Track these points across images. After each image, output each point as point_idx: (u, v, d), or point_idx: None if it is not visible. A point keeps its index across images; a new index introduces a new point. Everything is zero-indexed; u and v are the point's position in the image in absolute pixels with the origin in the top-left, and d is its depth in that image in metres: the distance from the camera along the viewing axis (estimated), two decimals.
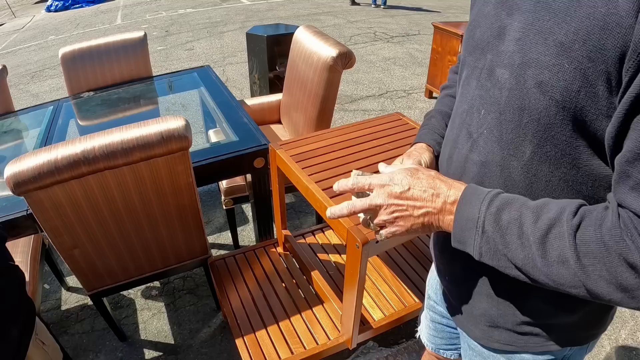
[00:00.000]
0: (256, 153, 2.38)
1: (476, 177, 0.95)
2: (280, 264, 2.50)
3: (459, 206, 0.85)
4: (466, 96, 0.98)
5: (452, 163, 1.03)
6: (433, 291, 1.42)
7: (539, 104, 0.78)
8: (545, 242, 0.73)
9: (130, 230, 2.10)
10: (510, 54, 0.83)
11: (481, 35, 0.93)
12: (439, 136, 1.21)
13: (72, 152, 1.73)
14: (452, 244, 0.87)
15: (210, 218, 3.69)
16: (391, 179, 0.90)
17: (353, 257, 1.60)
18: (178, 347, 2.63)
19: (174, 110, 3.36)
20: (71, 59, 3.35)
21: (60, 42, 10.26)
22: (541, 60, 0.76)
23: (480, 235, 0.81)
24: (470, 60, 0.97)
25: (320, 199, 1.71)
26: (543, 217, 0.75)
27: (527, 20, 0.80)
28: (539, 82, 0.77)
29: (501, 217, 0.79)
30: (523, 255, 0.76)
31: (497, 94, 0.87)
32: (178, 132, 1.83)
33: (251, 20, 10.62)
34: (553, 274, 0.74)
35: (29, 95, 6.86)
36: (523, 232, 0.76)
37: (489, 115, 0.90)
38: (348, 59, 2.66)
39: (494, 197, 0.82)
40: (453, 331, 1.40)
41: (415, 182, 0.88)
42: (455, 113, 1.05)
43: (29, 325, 1.63)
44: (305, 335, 2.11)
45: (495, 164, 0.90)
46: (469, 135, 0.96)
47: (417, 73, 6.73)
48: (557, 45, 0.73)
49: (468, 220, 0.83)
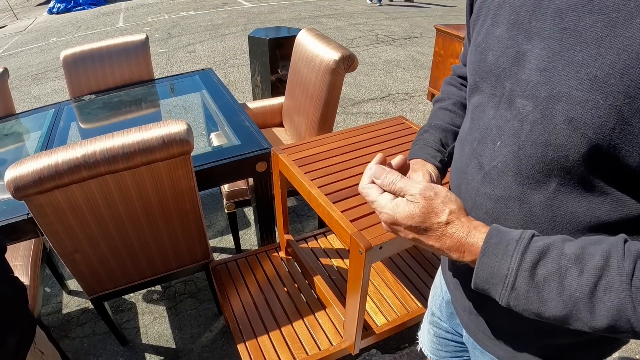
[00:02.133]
0: (258, 157, 2.36)
1: (490, 212, 0.90)
2: (282, 268, 2.49)
3: (482, 258, 0.76)
4: (479, 124, 0.92)
5: (461, 194, 0.98)
6: (437, 308, 1.39)
7: (568, 141, 0.72)
8: (594, 296, 0.67)
9: (131, 234, 2.09)
10: (534, 85, 0.76)
11: (495, 60, 0.86)
12: (432, 149, 1.15)
13: (73, 156, 1.72)
14: (472, 287, 0.80)
15: (212, 222, 3.68)
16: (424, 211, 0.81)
17: (356, 262, 1.59)
18: (179, 351, 2.62)
19: (175, 113, 3.35)
20: (73, 62, 3.34)
21: (62, 44, 10.27)
22: (572, 95, 0.70)
23: (509, 292, 0.74)
24: (485, 86, 0.91)
25: (322, 204, 1.70)
26: (588, 267, 0.68)
27: (553, 48, 0.74)
28: (570, 118, 0.71)
29: (536, 273, 0.71)
30: (565, 312, 0.69)
31: (517, 126, 0.81)
32: (179, 136, 1.82)
33: (253, 22, 10.63)
34: (601, 325, 0.67)
35: (31, 97, 6.86)
36: (564, 287, 0.69)
37: (506, 148, 0.84)
38: (350, 62, 2.65)
39: (525, 248, 0.73)
40: (459, 345, 1.38)
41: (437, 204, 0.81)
42: (464, 140, 0.99)
43: (28, 336, 1.61)
44: (307, 341, 2.09)
45: (513, 198, 0.85)
46: (480, 167, 0.91)
47: (420, 76, 6.72)
48: (590, 79, 0.67)
49: (494, 275, 0.75)
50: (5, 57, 9.86)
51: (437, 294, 1.40)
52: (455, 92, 1.27)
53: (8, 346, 1.48)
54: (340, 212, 1.63)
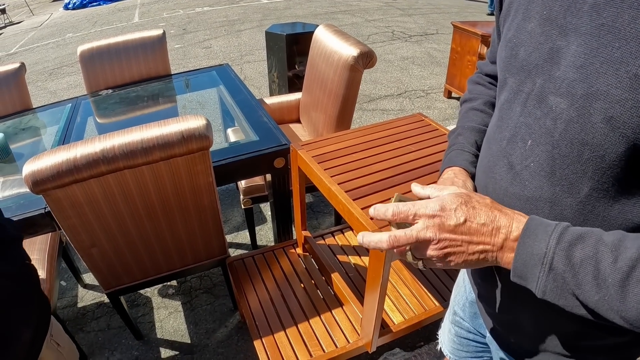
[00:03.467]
0: (276, 153, 2.35)
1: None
2: (299, 264, 2.48)
3: (522, 239, 0.73)
4: (507, 122, 0.91)
5: (488, 194, 0.94)
6: (460, 308, 1.38)
7: (605, 140, 0.71)
8: (627, 285, 0.65)
9: (148, 229, 2.09)
10: (570, 82, 0.75)
11: (527, 55, 0.84)
12: (470, 154, 1.12)
13: (92, 151, 1.72)
14: (511, 278, 0.76)
15: (228, 217, 3.68)
16: (442, 207, 0.77)
17: (376, 260, 1.57)
18: (194, 346, 2.62)
19: (191, 109, 3.35)
20: (89, 57, 3.35)
21: (77, 39, 10.34)
22: (611, 93, 0.68)
23: (546, 273, 0.71)
24: (512, 82, 0.89)
25: (343, 201, 1.68)
26: (623, 257, 0.66)
27: (590, 45, 0.72)
28: (608, 117, 0.69)
29: (573, 254, 0.69)
30: (598, 297, 0.67)
31: (550, 124, 0.79)
32: (199, 131, 1.81)
33: (268, 18, 10.63)
34: (631, 316, 0.65)
35: (47, 92, 6.90)
36: (600, 271, 0.67)
37: (538, 148, 0.82)
38: (369, 59, 2.63)
39: (564, 230, 0.72)
40: (481, 346, 1.37)
41: (471, 213, 0.76)
42: (492, 138, 0.97)
43: (43, 326, 1.61)
44: (324, 338, 2.08)
45: (544, 200, 0.83)
46: (510, 167, 0.89)
47: (436, 73, 6.69)
48: (630, 77, 0.66)
49: (533, 255, 0.72)
50: (22, 53, 9.94)
51: (460, 293, 1.38)
52: (484, 92, 1.24)
53: (24, 340, 1.48)
54: (360, 209, 1.62)
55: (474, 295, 1.23)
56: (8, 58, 9.65)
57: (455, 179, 1.04)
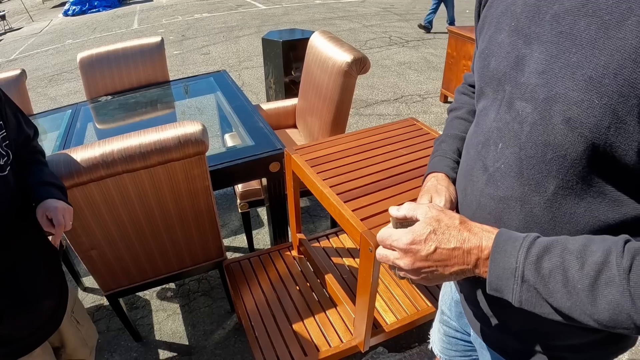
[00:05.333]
0: (272, 157, 2.40)
1: (494, 212, 0.92)
2: (294, 267, 2.52)
3: (493, 255, 0.79)
4: (482, 127, 0.96)
5: (467, 196, 1.01)
6: (447, 307, 1.42)
7: (566, 140, 0.75)
8: (595, 289, 0.69)
9: (147, 232, 2.13)
10: (533, 87, 0.79)
11: (497, 65, 0.89)
12: (452, 161, 1.17)
13: (92, 155, 1.76)
14: (487, 290, 0.81)
15: (226, 221, 3.72)
16: (412, 240, 0.83)
17: (366, 260, 1.61)
18: (192, 348, 2.66)
19: (190, 115, 3.39)
20: (89, 64, 3.40)
21: (77, 46, 10.37)
22: (569, 96, 0.73)
23: (519, 285, 0.76)
24: (488, 91, 0.94)
25: (334, 203, 1.72)
26: (589, 262, 0.70)
27: (550, 51, 0.77)
28: (567, 119, 0.74)
29: (542, 265, 0.74)
30: (570, 303, 0.71)
31: (517, 127, 0.84)
32: (195, 136, 1.86)
33: (267, 24, 10.67)
34: (603, 319, 0.69)
35: (47, 98, 6.94)
36: (568, 279, 0.71)
37: (507, 150, 0.86)
38: (363, 65, 2.67)
39: (531, 243, 0.76)
40: (468, 345, 1.40)
41: (441, 240, 0.82)
42: (470, 144, 1.02)
43: (63, 302, 1.67)
44: (318, 338, 2.12)
45: (514, 199, 0.87)
46: (485, 169, 0.93)
47: (432, 77, 6.73)
48: (585, 80, 0.70)
49: (505, 270, 0.77)
50: (22, 59, 9.98)
51: (446, 293, 1.42)
52: (468, 101, 1.29)
53: (44, 309, 1.53)
54: (351, 211, 1.66)
55: (458, 295, 1.27)
56: (8, 64, 9.68)
57: (439, 186, 1.10)
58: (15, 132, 1.53)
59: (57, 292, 1.62)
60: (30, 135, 1.62)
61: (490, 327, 1.10)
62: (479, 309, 1.11)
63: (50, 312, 1.56)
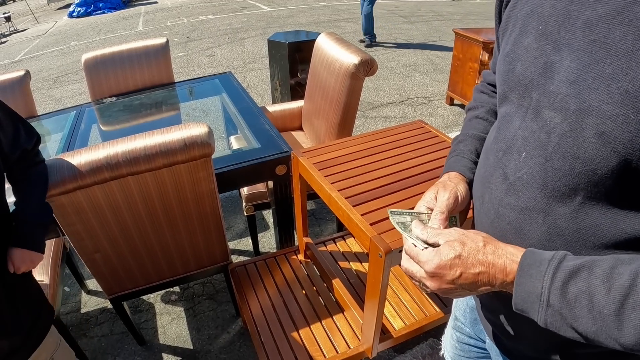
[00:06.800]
0: (278, 160, 2.37)
1: (513, 223, 0.89)
2: (300, 271, 2.49)
3: (518, 279, 0.78)
4: (505, 134, 0.93)
5: (484, 204, 0.98)
6: (461, 314, 1.39)
7: (597, 155, 0.72)
8: (622, 314, 0.66)
9: (151, 235, 2.11)
10: (563, 97, 0.76)
11: (523, 70, 0.86)
12: (469, 161, 1.15)
13: (96, 157, 1.74)
14: (513, 309, 0.80)
15: (231, 224, 3.70)
16: (439, 265, 0.83)
17: (376, 266, 1.59)
18: (196, 352, 2.63)
19: (194, 116, 3.38)
20: (94, 65, 3.38)
21: (82, 47, 10.38)
22: (603, 109, 0.69)
23: (545, 309, 0.74)
24: (513, 97, 0.91)
25: (343, 207, 1.70)
26: (615, 286, 0.67)
27: (582, 60, 0.73)
28: (600, 133, 0.70)
29: (567, 291, 0.72)
30: (595, 328, 0.69)
31: (544, 138, 0.80)
32: (201, 139, 1.84)
33: (271, 26, 10.67)
34: (629, 343, 0.67)
35: (52, 99, 6.94)
36: (594, 304, 0.69)
37: (532, 160, 0.84)
38: (370, 67, 2.65)
39: (556, 268, 0.74)
40: (481, 352, 1.37)
41: (466, 265, 0.82)
42: (490, 149, 0.99)
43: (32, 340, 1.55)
44: (325, 343, 2.09)
45: (537, 210, 0.84)
46: (505, 177, 0.91)
47: (438, 80, 6.71)
48: (621, 93, 0.67)
49: (530, 294, 0.76)
50: (27, 60, 10.00)
51: (460, 300, 1.40)
52: (487, 100, 1.26)
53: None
54: (360, 216, 1.64)
55: (474, 301, 1.24)
56: (13, 65, 9.70)
57: (448, 182, 1.07)
58: (10, 146, 1.49)
59: (21, 331, 1.49)
60: (28, 148, 1.58)
61: (506, 335, 1.08)
62: (495, 317, 1.09)
63: (5, 353, 1.44)
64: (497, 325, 1.11)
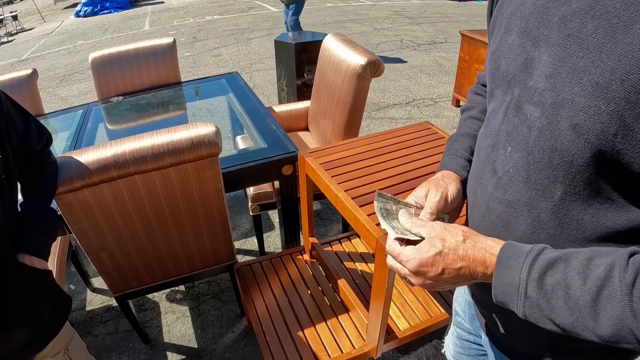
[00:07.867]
0: (285, 160, 2.38)
1: (502, 216, 0.91)
2: (306, 271, 2.49)
3: (497, 271, 0.80)
4: (491, 130, 0.95)
5: (477, 199, 1.00)
6: (461, 309, 1.41)
7: (572, 147, 0.74)
8: (597, 305, 0.68)
9: (157, 234, 2.11)
10: (541, 92, 0.78)
11: (507, 67, 0.89)
12: (463, 159, 1.17)
13: (103, 156, 1.75)
14: (494, 301, 0.83)
15: (237, 224, 3.70)
16: (420, 263, 0.86)
17: (382, 266, 1.59)
18: (201, 351, 2.64)
19: (201, 116, 3.38)
20: (101, 64, 3.39)
21: (88, 47, 10.42)
22: (576, 101, 0.71)
23: (523, 300, 0.76)
24: (497, 93, 0.93)
25: (349, 208, 1.70)
26: (591, 277, 0.69)
27: (558, 55, 0.75)
28: (573, 124, 0.72)
29: (544, 282, 0.74)
30: (572, 319, 0.71)
31: (526, 132, 0.83)
32: (208, 138, 1.84)
33: (278, 27, 10.68)
34: (605, 334, 0.68)
35: (58, 98, 6.96)
36: (570, 296, 0.71)
37: (516, 154, 0.86)
38: (377, 67, 2.65)
39: (534, 260, 0.76)
40: (480, 348, 1.38)
41: (447, 261, 0.84)
42: (480, 146, 1.02)
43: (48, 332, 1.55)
44: (330, 343, 2.09)
45: (522, 203, 0.86)
46: (494, 172, 0.92)
47: (444, 81, 6.70)
48: (592, 85, 0.69)
49: (509, 285, 0.78)
50: (33, 59, 10.04)
51: (461, 294, 1.42)
52: (481, 101, 1.28)
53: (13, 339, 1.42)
54: (366, 216, 1.63)
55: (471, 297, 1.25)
56: (20, 64, 9.74)
57: (441, 181, 1.09)
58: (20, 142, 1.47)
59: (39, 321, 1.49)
60: (37, 149, 1.57)
61: (498, 330, 1.10)
62: (488, 312, 1.11)
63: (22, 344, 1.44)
64: (490, 320, 1.13)
